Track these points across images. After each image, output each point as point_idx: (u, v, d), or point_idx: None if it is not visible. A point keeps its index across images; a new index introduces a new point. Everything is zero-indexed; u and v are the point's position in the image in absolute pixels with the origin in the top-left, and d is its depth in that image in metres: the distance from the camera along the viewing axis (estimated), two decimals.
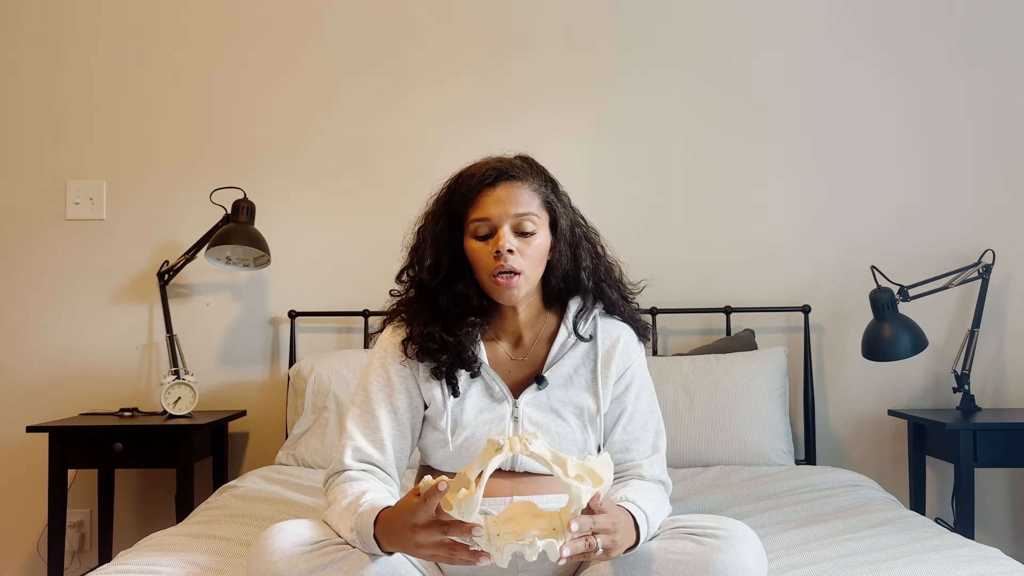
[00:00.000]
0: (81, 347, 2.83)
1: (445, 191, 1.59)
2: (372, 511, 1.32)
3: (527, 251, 1.51)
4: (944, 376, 2.74)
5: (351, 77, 2.87)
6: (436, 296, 1.55)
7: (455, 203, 1.55)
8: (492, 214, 1.50)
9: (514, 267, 1.49)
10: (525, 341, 1.60)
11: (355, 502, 1.38)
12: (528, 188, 1.53)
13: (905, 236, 2.78)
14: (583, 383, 1.57)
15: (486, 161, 1.56)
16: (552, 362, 1.58)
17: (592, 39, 2.85)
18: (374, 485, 1.46)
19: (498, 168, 1.52)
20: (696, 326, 2.79)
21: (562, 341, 1.59)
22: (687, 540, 1.31)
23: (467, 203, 1.53)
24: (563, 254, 1.57)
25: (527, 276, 1.52)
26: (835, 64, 2.82)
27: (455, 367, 1.54)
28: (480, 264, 1.52)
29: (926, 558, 1.55)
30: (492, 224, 1.51)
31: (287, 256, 2.81)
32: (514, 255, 1.49)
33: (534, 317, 1.61)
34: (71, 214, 2.86)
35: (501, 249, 1.48)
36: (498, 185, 1.51)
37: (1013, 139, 2.79)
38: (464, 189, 1.53)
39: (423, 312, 1.56)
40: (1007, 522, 2.75)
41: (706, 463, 2.37)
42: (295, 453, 2.43)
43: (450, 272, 1.55)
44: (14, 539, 2.83)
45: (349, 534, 1.35)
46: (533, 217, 1.52)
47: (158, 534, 1.81)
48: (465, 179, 1.55)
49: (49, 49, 2.89)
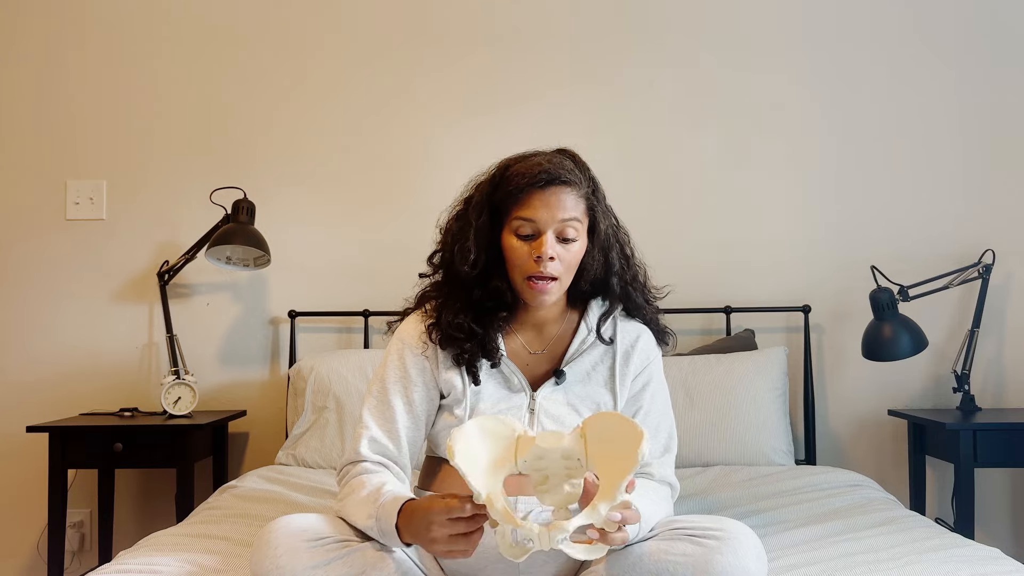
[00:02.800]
0: (81, 347, 2.83)
1: (489, 181, 1.57)
2: (396, 501, 1.33)
3: (566, 257, 1.51)
4: (944, 376, 2.74)
5: (351, 77, 2.87)
6: (471, 288, 1.55)
7: (499, 196, 1.54)
8: (539, 218, 1.49)
9: (552, 274, 1.49)
10: (545, 336, 1.61)
11: (376, 492, 1.39)
12: (575, 194, 1.52)
13: (905, 236, 2.78)
14: (601, 379, 1.58)
15: (537, 160, 1.54)
16: (571, 358, 1.59)
17: (592, 38, 2.85)
18: (391, 479, 1.47)
19: (549, 171, 1.50)
20: (696, 326, 2.79)
21: (582, 338, 1.60)
22: (686, 541, 1.31)
23: (513, 200, 1.51)
24: (596, 259, 1.57)
25: (562, 282, 1.53)
26: (835, 65, 2.82)
27: (477, 356, 1.54)
28: (517, 264, 1.52)
29: (926, 558, 1.55)
30: (536, 227, 1.50)
31: (287, 256, 2.81)
32: (554, 262, 1.49)
33: (557, 315, 1.61)
34: (71, 214, 2.86)
35: (543, 255, 1.48)
36: (548, 188, 1.50)
37: (1013, 139, 2.79)
38: (511, 186, 1.52)
39: (455, 300, 1.56)
40: (1007, 522, 2.75)
41: (706, 463, 2.37)
42: (295, 453, 2.43)
43: (486, 266, 1.55)
44: (14, 539, 2.83)
45: (366, 521, 1.36)
46: (576, 224, 1.51)
47: (158, 534, 1.81)
48: (514, 175, 1.53)
49: (49, 49, 2.89)
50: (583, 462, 1.26)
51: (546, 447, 1.27)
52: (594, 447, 1.25)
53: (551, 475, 1.29)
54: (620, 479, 1.21)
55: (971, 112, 2.80)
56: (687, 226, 2.79)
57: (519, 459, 1.27)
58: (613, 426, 1.26)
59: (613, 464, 1.22)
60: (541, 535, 1.20)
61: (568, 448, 1.26)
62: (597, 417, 1.29)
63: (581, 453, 1.26)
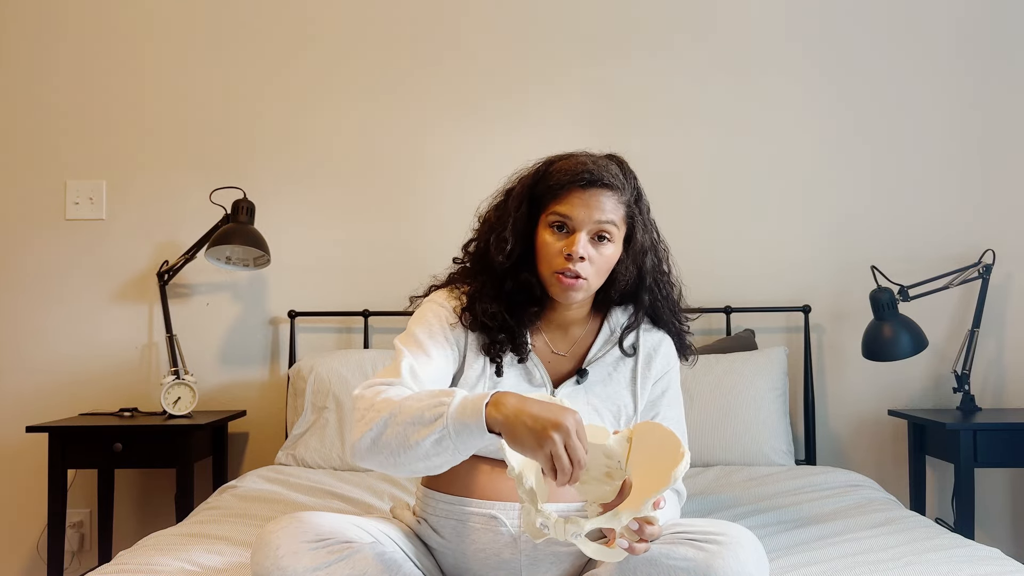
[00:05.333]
0: (81, 347, 2.83)
1: (532, 175, 1.57)
2: (487, 395, 1.29)
3: (597, 260, 1.51)
4: (944, 376, 2.74)
5: (351, 77, 2.87)
6: (503, 279, 1.55)
7: (539, 189, 1.54)
8: (575, 215, 1.49)
9: (580, 272, 1.49)
10: (569, 338, 1.61)
11: (448, 391, 1.33)
12: (616, 199, 1.51)
13: (905, 236, 2.78)
14: (623, 381, 1.58)
15: (582, 159, 1.54)
16: (593, 358, 1.59)
17: (592, 38, 2.85)
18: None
19: (592, 171, 1.50)
20: (696, 326, 2.73)
21: (605, 339, 1.60)
22: (687, 546, 1.30)
23: (552, 195, 1.51)
24: (628, 270, 1.57)
25: (590, 283, 1.52)
26: (836, 64, 2.82)
27: (506, 348, 1.54)
28: (547, 258, 1.51)
29: (926, 558, 1.55)
30: (571, 224, 1.50)
31: (287, 256, 2.81)
32: (584, 262, 1.49)
33: (582, 318, 1.62)
34: (71, 214, 2.86)
35: (574, 253, 1.48)
36: (589, 189, 1.49)
37: (1013, 139, 2.79)
38: (553, 181, 1.52)
39: (489, 289, 1.56)
40: (1007, 522, 2.75)
41: (706, 463, 2.37)
42: (295, 453, 2.43)
43: (520, 258, 1.55)
44: (14, 539, 2.83)
45: (433, 408, 1.30)
46: (612, 228, 1.51)
47: (158, 534, 1.81)
48: (557, 171, 1.53)
49: (49, 49, 2.89)
50: (623, 465, 1.27)
51: (590, 440, 1.27)
52: (636, 454, 1.26)
53: (591, 469, 1.30)
54: (651, 494, 1.21)
55: (971, 112, 2.80)
56: (687, 226, 2.79)
57: None
58: (660, 439, 1.26)
59: (648, 476, 1.23)
60: (557, 525, 1.21)
61: (611, 448, 1.27)
62: (648, 425, 1.29)
63: (623, 456, 1.27)
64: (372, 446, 1.34)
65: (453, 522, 1.47)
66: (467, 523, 1.46)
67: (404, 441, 1.31)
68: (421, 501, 1.55)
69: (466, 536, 1.45)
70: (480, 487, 1.47)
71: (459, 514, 1.47)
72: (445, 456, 1.31)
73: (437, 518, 1.49)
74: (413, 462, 1.32)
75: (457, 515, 1.47)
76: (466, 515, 1.46)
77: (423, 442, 1.29)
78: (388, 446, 1.33)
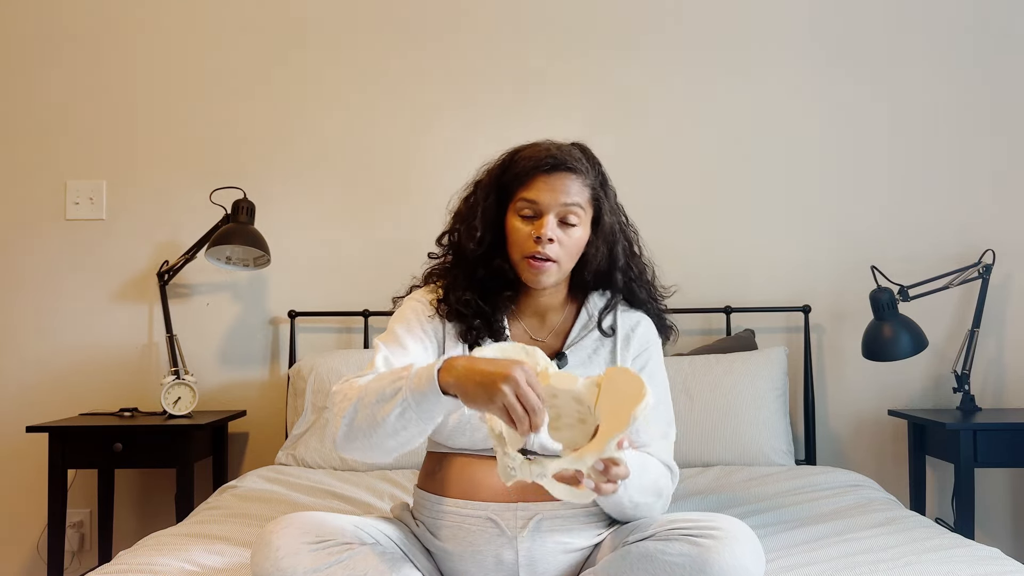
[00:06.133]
0: (81, 347, 2.83)
1: (499, 166, 1.62)
2: (436, 362, 1.32)
3: (566, 242, 1.54)
4: (944, 376, 2.74)
5: (352, 77, 2.87)
6: (476, 267, 1.58)
7: (506, 179, 1.58)
8: (541, 199, 1.53)
9: (550, 255, 1.52)
10: (547, 325, 1.63)
11: (406, 367, 1.37)
12: (580, 182, 1.56)
13: (905, 236, 2.78)
14: (602, 363, 1.59)
15: (546, 146, 1.59)
16: (572, 342, 1.61)
17: (592, 38, 2.85)
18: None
19: (556, 156, 1.55)
20: (696, 326, 2.79)
21: (583, 323, 1.62)
22: (683, 541, 1.30)
23: (518, 182, 1.55)
24: (599, 251, 1.60)
25: (561, 266, 1.55)
26: (836, 64, 2.82)
27: (483, 333, 1.57)
28: (517, 243, 1.55)
29: (926, 558, 1.55)
30: (538, 208, 1.53)
31: (287, 256, 2.81)
32: (553, 244, 1.52)
33: (560, 302, 1.64)
34: (71, 214, 2.85)
35: (542, 236, 1.51)
36: (553, 173, 1.54)
37: (1013, 139, 2.79)
38: (519, 169, 1.56)
39: (461, 279, 1.59)
40: (1007, 522, 2.75)
41: (706, 463, 2.37)
42: (295, 453, 2.43)
43: (491, 246, 1.58)
44: (14, 539, 2.82)
45: (392, 383, 1.33)
46: (579, 210, 1.55)
47: (158, 534, 1.81)
48: (522, 159, 1.57)
49: (50, 49, 2.89)
50: (592, 410, 1.28)
51: (559, 387, 1.29)
52: (604, 398, 1.27)
53: (563, 415, 1.32)
54: (615, 434, 1.23)
55: (971, 112, 2.80)
56: (687, 226, 2.79)
57: None
58: (626, 382, 1.27)
59: (614, 418, 1.24)
60: (523, 466, 1.24)
61: (580, 393, 1.29)
62: (616, 371, 1.30)
63: (591, 401, 1.28)
64: (348, 432, 1.38)
65: (450, 524, 1.47)
66: (463, 525, 1.46)
67: (373, 421, 1.34)
68: (418, 504, 1.56)
69: (463, 538, 1.45)
70: (476, 489, 1.47)
71: (455, 516, 1.47)
72: (412, 428, 1.33)
73: (434, 521, 1.49)
74: (385, 439, 1.35)
75: (453, 517, 1.47)
76: (462, 517, 1.46)
77: (388, 418, 1.33)
78: (360, 429, 1.36)
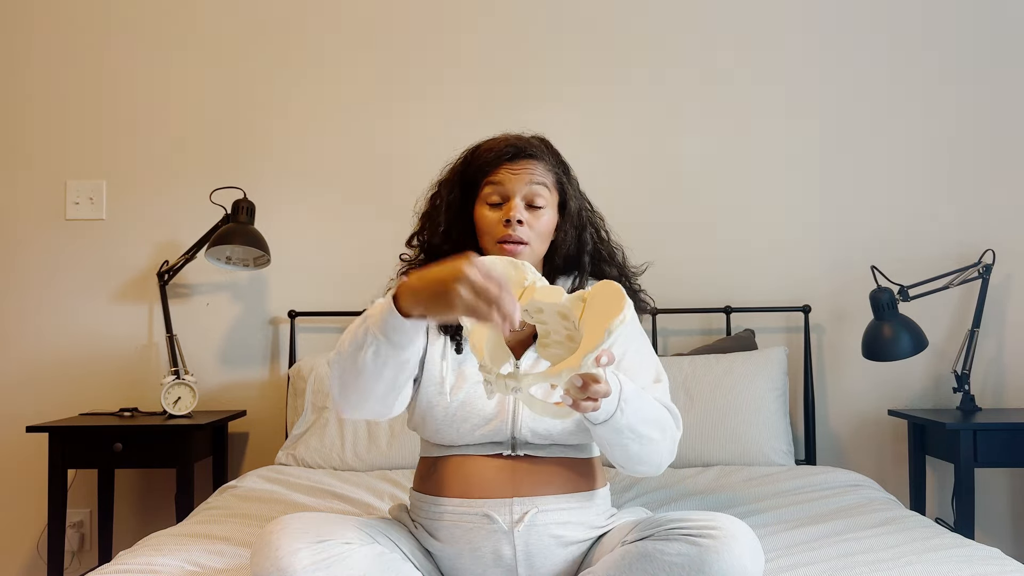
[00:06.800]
0: (81, 347, 2.83)
1: (461, 161, 1.64)
2: (393, 287, 1.32)
3: (535, 224, 1.56)
4: (944, 376, 2.74)
5: (352, 77, 2.87)
6: (446, 258, 1.56)
7: (470, 172, 1.60)
8: (507, 184, 1.56)
9: (521, 237, 1.54)
10: None
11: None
12: (543, 167, 1.59)
13: (905, 236, 2.78)
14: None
15: (505, 137, 1.62)
16: None
17: (593, 39, 2.85)
18: None
19: (516, 145, 1.59)
20: (696, 326, 2.79)
21: None
22: (682, 541, 1.30)
23: (483, 173, 1.58)
24: (568, 235, 1.62)
25: (532, 248, 1.56)
26: (836, 65, 2.82)
27: (460, 325, 1.54)
28: (488, 230, 1.56)
29: (926, 558, 1.55)
30: (505, 193, 1.56)
31: (287, 256, 2.81)
32: (523, 226, 1.54)
33: None
34: (71, 214, 2.86)
35: (512, 218, 1.53)
36: (516, 160, 1.57)
37: (1013, 139, 2.79)
38: (481, 160, 1.59)
39: None
40: (1007, 522, 2.75)
41: (706, 463, 2.37)
42: (295, 453, 2.43)
43: (460, 239, 1.59)
44: (14, 539, 2.83)
45: (359, 321, 1.34)
46: (544, 191, 1.57)
47: (158, 534, 1.81)
48: (483, 151, 1.60)
49: (49, 49, 2.89)
50: (576, 325, 1.26)
51: (543, 300, 1.28)
52: (588, 314, 1.25)
53: (551, 332, 1.30)
54: (592, 349, 1.20)
55: (971, 112, 2.80)
56: (687, 226, 2.79)
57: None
58: (608, 298, 1.24)
59: (595, 334, 1.21)
60: (499, 381, 1.22)
61: (565, 308, 1.26)
62: (602, 285, 1.27)
63: (576, 316, 1.26)
64: (341, 390, 1.39)
65: (447, 524, 1.47)
66: (460, 523, 1.46)
67: (355, 369, 1.35)
68: (414, 507, 1.56)
69: (461, 536, 1.46)
70: (470, 487, 1.47)
71: (452, 516, 1.47)
72: (391, 365, 1.33)
73: (431, 522, 1.49)
74: (373, 384, 1.36)
75: (450, 517, 1.47)
76: (459, 516, 1.46)
77: (366, 360, 1.33)
78: (349, 382, 1.37)
